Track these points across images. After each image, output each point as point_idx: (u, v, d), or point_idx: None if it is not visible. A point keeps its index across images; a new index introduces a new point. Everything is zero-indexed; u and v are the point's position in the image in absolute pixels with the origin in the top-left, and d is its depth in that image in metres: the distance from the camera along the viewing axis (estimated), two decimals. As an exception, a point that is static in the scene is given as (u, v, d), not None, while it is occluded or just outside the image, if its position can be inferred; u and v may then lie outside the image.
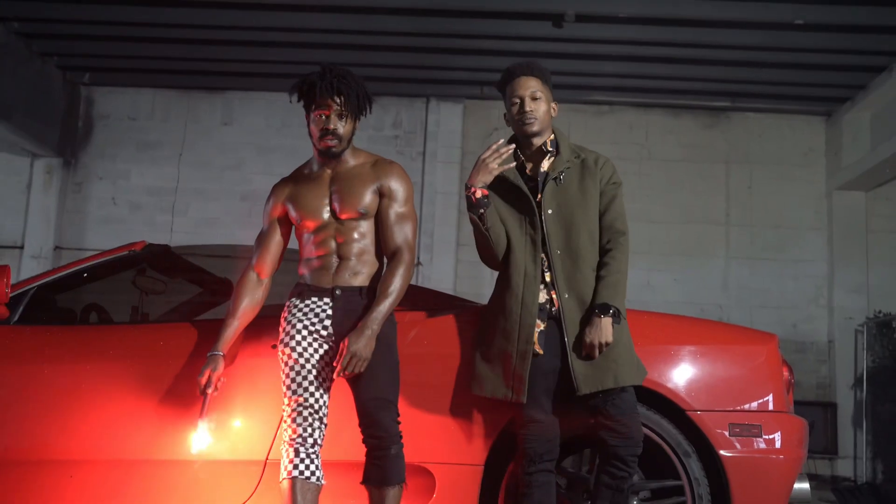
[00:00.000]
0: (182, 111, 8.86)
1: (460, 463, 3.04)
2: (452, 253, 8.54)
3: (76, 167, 8.80)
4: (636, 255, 8.09)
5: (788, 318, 8.42)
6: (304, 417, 2.80)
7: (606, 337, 2.86)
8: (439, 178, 8.63)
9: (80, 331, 3.45)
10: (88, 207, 8.72)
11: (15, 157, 8.70)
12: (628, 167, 8.44)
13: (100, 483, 3.17)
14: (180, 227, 8.57)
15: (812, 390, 8.35)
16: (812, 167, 8.73)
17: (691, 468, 2.97)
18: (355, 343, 2.75)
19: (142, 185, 8.74)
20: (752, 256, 8.60)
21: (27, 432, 3.21)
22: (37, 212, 8.62)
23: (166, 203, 8.68)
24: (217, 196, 8.67)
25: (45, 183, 8.64)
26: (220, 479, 3.12)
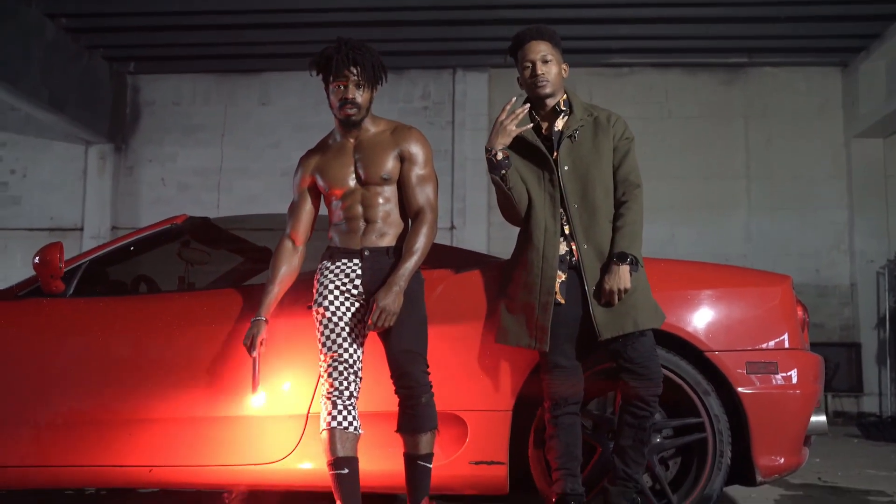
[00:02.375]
0: (222, 94, 8.91)
1: (490, 409, 3.06)
2: (484, 216, 8.52)
3: (127, 152, 8.91)
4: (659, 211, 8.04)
5: (811, 265, 8.30)
6: (339, 372, 2.83)
7: (625, 283, 2.85)
8: (468, 145, 8.59)
9: (132, 300, 3.50)
10: (140, 189, 8.84)
11: (71, 145, 8.84)
12: (649, 127, 8.33)
13: (156, 440, 3.24)
14: (225, 204, 8.65)
15: (836, 332, 8.25)
16: (829, 118, 8.54)
17: (711, 406, 2.95)
18: (384, 299, 2.77)
19: (188, 166, 8.83)
20: (773, 207, 8.47)
21: (89, 396, 3.29)
22: (93, 195, 8.76)
23: (212, 182, 8.77)
24: (258, 174, 8.73)
25: (99, 168, 8.77)
26: (267, 433, 3.18)
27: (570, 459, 2.87)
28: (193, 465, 3.23)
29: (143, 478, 3.28)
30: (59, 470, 3.31)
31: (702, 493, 2.93)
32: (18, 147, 8.95)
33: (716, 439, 2.94)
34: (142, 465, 3.25)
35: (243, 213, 8.28)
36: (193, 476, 3.25)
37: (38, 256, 3.36)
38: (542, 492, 3.05)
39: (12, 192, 8.93)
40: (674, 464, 3.09)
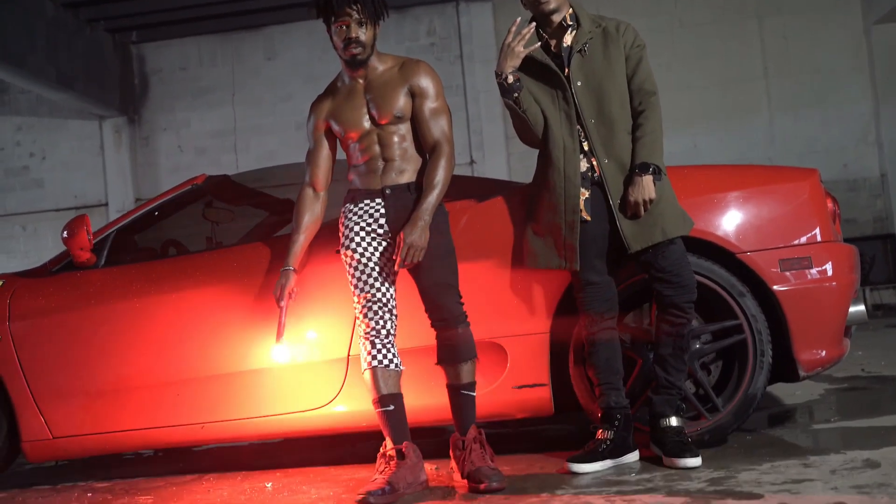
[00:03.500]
0: (227, 54, 8.86)
1: (527, 333, 3.07)
2: (503, 148, 8.47)
3: (140, 123, 8.92)
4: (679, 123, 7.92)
5: (837, 161, 8.17)
6: (374, 311, 2.85)
7: (649, 193, 2.82)
8: (479, 77, 8.49)
9: (163, 264, 3.54)
10: (158, 159, 8.88)
11: (85, 122, 8.87)
12: (661, 38, 8.16)
13: (204, 397, 3.31)
14: (244, 163, 8.67)
15: (870, 225, 8.15)
16: (846, 6, 8.30)
17: (747, 307, 2.94)
18: (410, 235, 2.77)
19: (202, 130, 8.83)
20: (795, 106, 8.31)
21: (133, 361, 3.37)
22: (113, 170, 8.81)
23: (228, 143, 8.77)
24: (273, 130, 8.72)
25: (115, 142, 8.81)
26: (311, 379, 3.23)
27: (611, 374, 2.88)
28: (243, 419, 3.29)
29: (196, 435, 3.36)
30: (114, 435, 3.40)
31: (745, 393, 2.93)
32: (34, 130, 8.99)
33: (755, 339, 2.93)
34: (193, 423, 3.33)
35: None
36: (243, 429, 3.32)
37: (66, 231, 3.40)
38: (586, 409, 3.08)
39: (34, 175, 9.01)
40: (715, 368, 3.09)
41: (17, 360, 3.43)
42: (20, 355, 3.43)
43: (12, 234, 9.01)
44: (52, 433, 3.41)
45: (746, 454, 2.77)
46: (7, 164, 9.04)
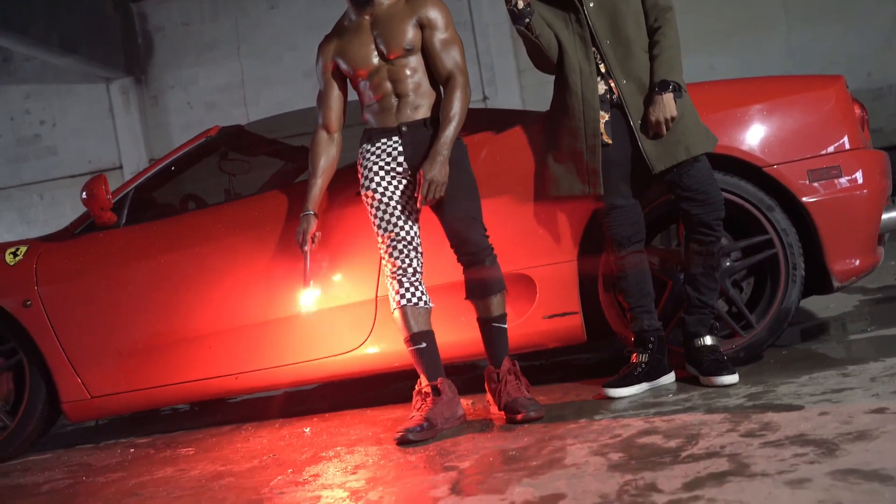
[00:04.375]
0: (229, 6, 8.74)
1: (554, 262, 3.06)
2: (515, 81, 8.35)
3: (147, 82, 8.87)
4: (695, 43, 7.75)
5: (861, 70, 7.98)
6: (399, 250, 2.84)
7: (670, 112, 2.77)
8: (486, 11, 8.33)
9: (184, 218, 3.54)
10: (168, 117, 8.84)
11: (92, 85, 8.83)
12: (671, -45, 7.94)
13: (235, 348, 3.34)
14: (255, 116, 8.60)
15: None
16: None
17: (777, 220, 2.90)
18: (430, 170, 2.75)
19: (210, 85, 8.77)
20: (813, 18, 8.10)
21: (162, 317, 3.40)
22: (125, 132, 8.80)
23: (237, 97, 8.71)
24: (281, 79, 8.64)
25: (124, 103, 8.77)
26: (341, 323, 3.25)
27: (642, 297, 2.87)
28: (276, 367, 3.32)
29: (230, 386, 3.40)
30: (150, 392, 3.45)
31: (779, 308, 2.91)
32: (43, 97, 8.97)
33: (786, 253, 2.90)
34: (227, 375, 3.37)
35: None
36: (277, 377, 3.36)
37: (84, 192, 3.41)
38: (619, 334, 3.08)
39: (46, 143, 9.02)
40: (747, 285, 3.07)
41: (49, 324, 3.47)
42: (52, 319, 3.47)
43: (31, 204, 9.07)
44: (90, 393, 3.47)
45: (783, 368, 2.76)
46: (19, 133, 9.05)
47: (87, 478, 2.89)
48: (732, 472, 1.76)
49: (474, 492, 1.93)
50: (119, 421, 4.33)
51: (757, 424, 2.11)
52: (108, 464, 3.10)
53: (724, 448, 1.95)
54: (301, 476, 2.39)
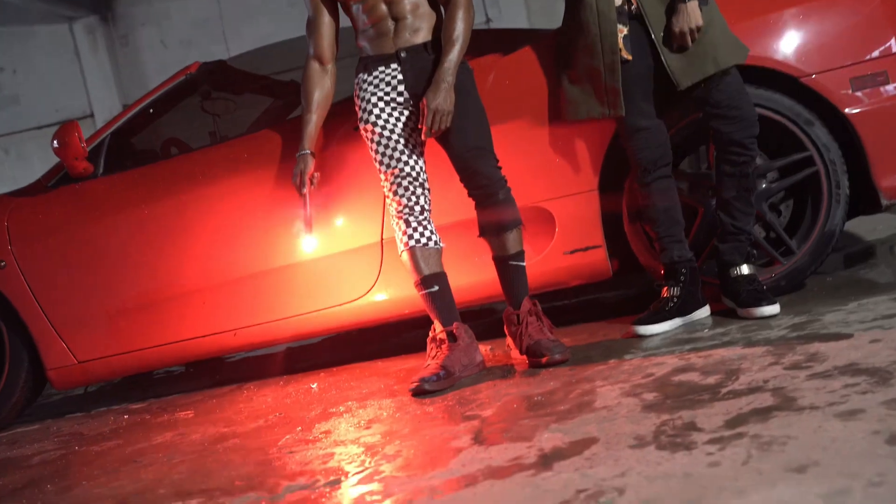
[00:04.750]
0: (199, -71, 8.60)
1: (574, 193, 3.05)
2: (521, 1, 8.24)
3: (115, 20, 8.78)
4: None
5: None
6: (404, 188, 2.83)
7: (696, 21, 2.73)
8: (486, -77, 8.19)
9: (167, 165, 3.54)
10: (142, 57, 8.76)
11: (55, 26, 8.74)
12: None
13: (232, 303, 3.36)
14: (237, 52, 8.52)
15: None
16: None
17: (817, 136, 2.88)
18: (434, 99, 2.73)
19: (185, 20, 8.66)
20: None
21: (151, 273, 3.42)
22: (94, 76, 8.72)
23: (215, 32, 8.61)
24: (263, 10, 8.53)
25: (90, 45, 8.68)
26: (345, 270, 3.26)
27: (671, 225, 2.87)
28: (278, 320, 3.35)
29: (228, 343, 3.43)
30: (142, 353, 3.48)
31: (822, 231, 2.90)
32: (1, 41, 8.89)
33: (828, 170, 2.88)
34: (224, 331, 3.40)
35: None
36: (279, 331, 3.39)
37: (56, 140, 3.39)
38: (647, 267, 3.08)
39: (8, 92, 8.96)
40: (786, 208, 3.06)
41: (26, 286, 3.49)
42: (29, 280, 3.49)
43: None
44: (77, 358, 3.51)
45: (829, 296, 2.77)
46: (-24, 84, 9.00)
47: (79, 447, 2.93)
48: (778, 406, 1.77)
49: (499, 440, 1.96)
50: (110, 387, 4.38)
51: (802, 356, 2.12)
52: (101, 432, 3.14)
53: (768, 382, 1.96)
54: (311, 434, 2.42)
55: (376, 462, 2.00)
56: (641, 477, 1.53)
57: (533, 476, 1.66)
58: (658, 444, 1.70)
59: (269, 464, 2.19)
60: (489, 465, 1.78)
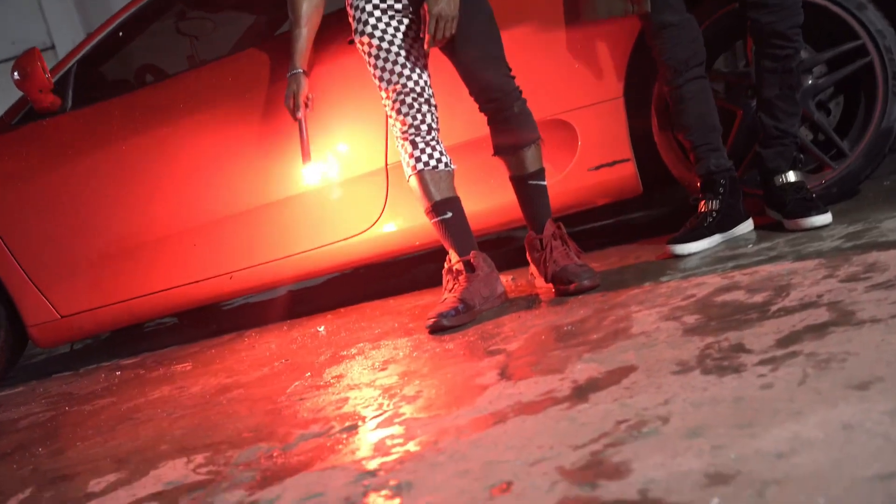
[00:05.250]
0: None
1: (596, 102, 3.04)
2: None
3: (73, -63, 8.65)
4: None
5: None
6: (408, 105, 2.82)
7: None
8: None
9: (143, 94, 3.52)
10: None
11: (2, -53, 8.63)
12: None
13: (225, 243, 3.38)
14: (210, -34, 8.43)
15: None
16: None
17: (870, 21, 2.83)
18: (436, 4, 2.69)
19: (150, -68, 8.53)
20: None
21: (133, 214, 3.43)
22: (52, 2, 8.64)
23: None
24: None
25: (44, -35, 8.58)
26: (348, 201, 3.27)
27: (707, 132, 2.85)
28: (275, 260, 3.37)
29: (224, 288, 3.46)
30: (130, 304, 3.52)
31: (878, 129, 2.88)
32: (-57, -33, 8.79)
33: (883, 60, 2.84)
34: (219, 275, 3.43)
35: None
36: (279, 272, 3.41)
37: (16, 72, 3.38)
38: (682, 180, 3.07)
39: (-43, 25, 8.89)
40: (836, 106, 3.04)
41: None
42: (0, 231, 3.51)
43: (-49, 102, 9.03)
44: (60, 312, 3.54)
45: (886, 202, 2.75)
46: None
47: (70, 407, 2.98)
48: (834, 321, 1.78)
49: (528, 374, 1.98)
50: (98, 343, 4.44)
51: (860, 267, 2.12)
52: (92, 390, 3.19)
53: (822, 297, 1.97)
54: (321, 379, 2.45)
55: (395, 404, 2.02)
56: (687, 404, 1.54)
57: (568, 409, 1.68)
58: (703, 368, 1.71)
59: (279, 413, 2.22)
60: (519, 401, 1.80)
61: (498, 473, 1.46)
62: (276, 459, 1.85)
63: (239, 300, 4.70)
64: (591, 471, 1.37)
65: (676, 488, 1.24)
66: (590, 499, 1.28)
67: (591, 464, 1.40)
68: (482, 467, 1.50)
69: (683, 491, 1.22)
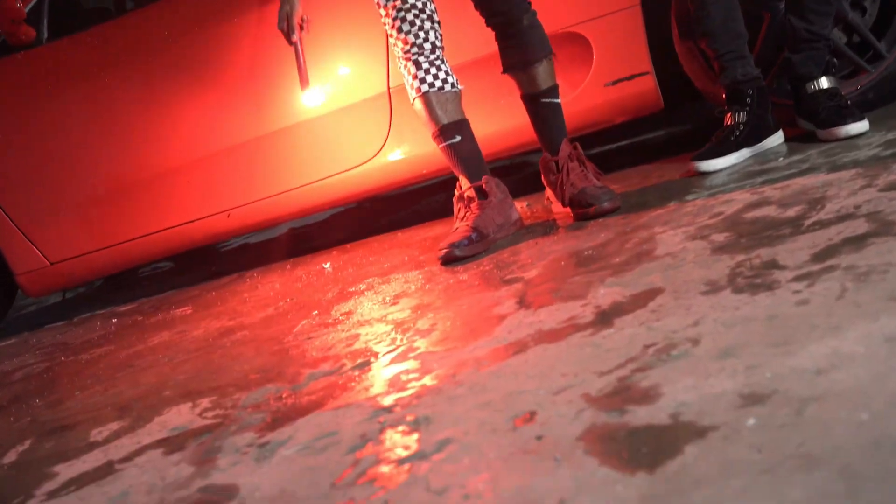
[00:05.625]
0: None
1: (610, 12, 3.01)
2: None
3: None
4: None
5: None
6: (409, 23, 2.79)
7: None
8: None
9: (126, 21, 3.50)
10: None
11: None
12: None
13: (221, 179, 3.39)
14: None
15: None
16: None
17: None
18: None
19: None
20: None
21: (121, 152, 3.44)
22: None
23: None
24: None
25: None
26: (350, 129, 3.26)
27: (732, 39, 2.82)
28: (275, 195, 3.38)
29: (221, 227, 3.48)
30: (122, 248, 3.53)
31: (916, 28, 2.85)
32: None
33: (922, -49, 2.81)
34: (216, 213, 3.43)
35: None
36: (279, 207, 3.42)
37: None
38: (705, 93, 3.05)
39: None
40: (872, 3, 2.99)
41: (-22, 182, 3.52)
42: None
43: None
44: (49, 259, 3.56)
45: (927, 106, 2.74)
46: None
47: (66, 357, 3.01)
48: (874, 232, 1.77)
49: (548, 301, 1.98)
50: (91, 291, 4.47)
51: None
52: (88, 339, 3.22)
53: (860, 207, 1.96)
54: (330, 317, 2.47)
55: (409, 339, 2.04)
56: (718, 324, 1.55)
57: (591, 335, 1.68)
58: (734, 287, 1.71)
59: (286, 353, 2.24)
60: (539, 329, 1.81)
61: (520, 404, 1.47)
62: (285, 400, 1.87)
63: (238, 240, 4.71)
64: (619, 397, 1.38)
65: (709, 410, 1.25)
66: (618, 425, 1.29)
67: (619, 390, 1.41)
68: (504, 398, 1.51)
69: (717, 413, 1.23)
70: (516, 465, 1.28)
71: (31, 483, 1.83)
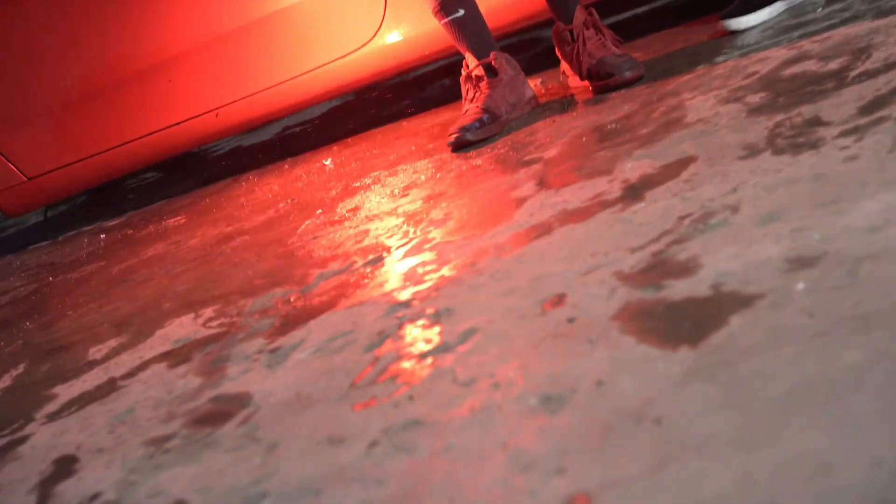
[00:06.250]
0: None
1: None
2: None
3: None
4: None
5: None
6: None
7: None
8: None
9: None
10: None
11: None
12: None
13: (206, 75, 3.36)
14: None
15: None
16: None
17: None
18: None
19: None
20: None
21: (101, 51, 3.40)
22: None
23: None
24: None
25: None
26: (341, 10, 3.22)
27: None
28: (265, 90, 3.35)
29: (209, 128, 3.46)
30: (104, 157, 3.52)
31: None
32: None
33: None
34: (202, 114, 3.41)
35: None
36: (269, 104, 3.40)
37: None
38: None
39: None
40: None
41: (-57, 94, 3.50)
42: (-55, 87, 3.50)
43: None
44: (25, 174, 3.55)
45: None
46: None
47: (54, 277, 3.03)
48: (925, 79, 1.76)
49: (572, 180, 1.97)
50: (73, 208, 4.47)
51: (950, 17, 2.08)
52: (77, 257, 3.23)
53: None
54: (335, 214, 2.47)
55: (422, 230, 2.03)
56: (759, 188, 1.54)
57: (621, 211, 1.68)
58: (774, 148, 1.69)
59: (291, 255, 2.24)
60: (564, 210, 1.81)
61: (549, 287, 1.47)
62: (295, 303, 1.88)
63: (229, 143, 4.69)
64: (654, 272, 1.38)
65: (755, 278, 1.24)
66: (655, 301, 1.29)
67: (654, 265, 1.40)
68: (530, 283, 1.52)
69: (763, 280, 1.23)
70: (548, 350, 1.28)
71: (30, 406, 1.86)
